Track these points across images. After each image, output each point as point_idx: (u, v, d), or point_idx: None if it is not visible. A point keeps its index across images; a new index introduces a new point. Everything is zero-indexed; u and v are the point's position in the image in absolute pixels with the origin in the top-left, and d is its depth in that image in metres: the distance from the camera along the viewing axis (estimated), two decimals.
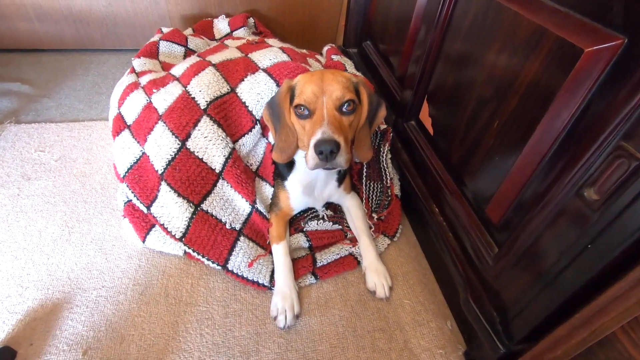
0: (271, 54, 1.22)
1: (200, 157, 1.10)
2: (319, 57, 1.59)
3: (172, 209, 1.09)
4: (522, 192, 0.75)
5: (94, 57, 2.22)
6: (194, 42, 1.82)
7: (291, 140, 1.00)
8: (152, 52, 1.68)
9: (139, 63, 1.59)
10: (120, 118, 1.29)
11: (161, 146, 1.11)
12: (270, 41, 1.46)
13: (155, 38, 1.75)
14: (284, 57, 1.22)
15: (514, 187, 0.77)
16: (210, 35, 2.02)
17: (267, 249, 1.15)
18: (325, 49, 1.71)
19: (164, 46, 1.73)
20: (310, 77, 0.96)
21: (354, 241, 1.21)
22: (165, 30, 1.84)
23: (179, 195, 1.08)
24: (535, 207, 0.72)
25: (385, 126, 1.28)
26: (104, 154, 1.53)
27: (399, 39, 1.40)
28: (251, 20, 2.01)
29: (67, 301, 1.06)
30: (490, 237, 0.87)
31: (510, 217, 0.80)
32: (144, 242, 1.16)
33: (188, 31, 1.97)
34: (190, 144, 1.10)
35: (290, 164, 1.12)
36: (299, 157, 1.08)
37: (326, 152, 0.86)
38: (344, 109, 0.93)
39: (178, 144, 1.10)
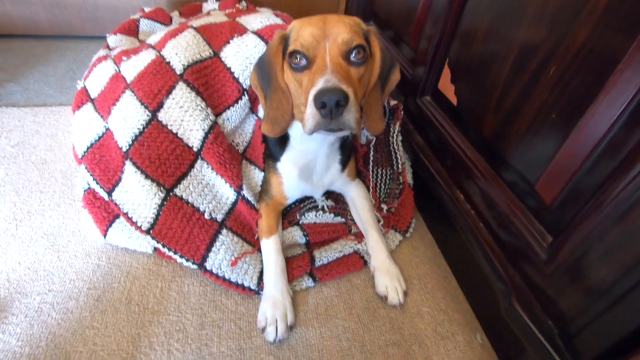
0: (262, 17, 1.04)
1: (175, 131, 0.91)
2: None
3: (138, 194, 0.89)
4: (591, 158, 0.56)
5: (71, 43, 2.04)
6: (179, 22, 1.64)
7: (285, 108, 0.80)
8: (131, 30, 1.51)
9: (114, 39, 1.42)
10: (83, 91, 1.10)
11: (127, 118, 0.92)
12: (262, 9, 1.29)
13: (136, 16, 1.58)
14: (278, 20, 1.04)
15: (579, 150, 0.58)
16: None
17: (255, 245, 0.95)
18: None
19: (144, 24, 1.55)
20: (309, 19, 0.77)
21: (359, 237, 1.01)
22: (148, 10, 1.67)
23: (147, 177, 0.88)
24: (614, 177, 0.53)
25: (395, 102, 1.10)
26: (71, 140, 1.33)
27: (409, 11, 1.24)
28: (244, 3, 1.85)
29: (2, 309, 0.84)
30: (540, 223, 0.67)
31: (571, 194, 0.61)
32: (105, 236, 0.95)
33: (174, 14, 1.80)
34: (162, 116, 0.91)
35: (284, 141, 0.92)
36: (295, 130, 0.88)
37: (330, 105, 0.64)
38: (352, 58, 0.73)
39: (147, 116, 0.91)
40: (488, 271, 0.78)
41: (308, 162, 0.92)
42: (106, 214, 0.96)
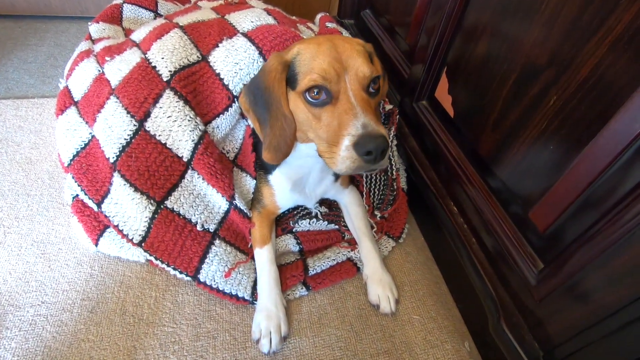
0: (253, 16, 0.98)
1: (163, 141, 0.88)
2: (310, 24, 1.35)
3: (128, 206, 0.87)
4: (588, 191, 0.56)
5: (51, 25, 1.93)
6: (166, 8, 1.55)
7: (287, 134, 0.75)
8: (114, 17, 1.42)
9: (96, 29, 1.34)
10: (66, 93, 1.05)
11: (113, 128, 0.88)
12: (253, 2, 1.22)
13: (119, 0, 1.48)
14: (269, 20, 0.99)
15: (576, 185, 0.57)
16: (185, 1, 1.75)
17: (249, 254, 0.95)
18: (318, 16, 1.47)
19: (128, 10, 1.46)
20: (318, 46, 0.72)
21: (352, 244, 1.02)
22: None
23: (136, 189, 0.85)
24: (608, 214, 0.52)
25: (390, 106, 1.07)
26: (55, 137, 1.28)
27: (408, 1, 1.18)
28: None
29: None
30: (532, 248, 0.68)
31: (563, 225, 0.61)
32: (96, 245, 0.95)
33: None
34: (149, 126, 0.87)
35: None
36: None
37: (377, 153, 0.63)
38: (370, 89, 0.71)
39: (134, 125, 0.87)
40: (478, 287, 0.80)
41: (301, 176, 0.91)
42: (96, 223, 0.95)
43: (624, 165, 0.51)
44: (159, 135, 0.87)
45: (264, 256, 0.92)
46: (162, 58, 0.89)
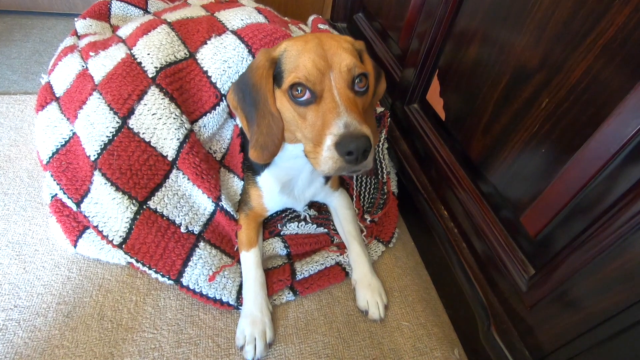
0: (243, 14, 0.97)
1: (147, 140, 0.85)
2: (303, 26, 1.34)
3: (108, 206, 0.84)
4: (580, 196, 0.55)
5: (37, 21, 1.88)
6: (156, 6, 1.53)
7: (275, 132, 0.73)
8: (102, 14, 1.39)
9: (82, 25, 1.31)
10: (48, 88, 1.01)
11: (95, 124, 0.85)
12: (244, 1, 1.21)
13: None
14: (260, 19, 0.97)
15: (568, 190, 0.56)
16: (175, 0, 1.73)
17: (235, 257, 0.92)
18: (310, 18, 1.47)
19: (117, 7, 1.43)
20: (305, 43, 0.70)
21: (342, 248, 1.00)
22: None
23: (118, 189, 0.82)
24: (600, 219, 0.51)
25: (381, 109, 1.06)
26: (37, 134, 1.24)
27: (401, 6, 1.18)
28: None
29: None
30: (523, 254, 0.67)
31: (554, 230, 0.60)
32: (75, 247, 0.91)
33: None
34: (133, 123, 0.84)
35: None
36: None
37: (358, 154, 0.61)
38: (356, 87, 0.69)
39: (117, 122, 0.84)
40: (468, 293, 0.78)
41: (290, 178, 0.88)
42: (76, 223, 0.91)
43: (616, 169, 0.51)
44: (143, 133, 0.84)
45: (250, 260, 0.89)
46: (148, 54, 0.87)
